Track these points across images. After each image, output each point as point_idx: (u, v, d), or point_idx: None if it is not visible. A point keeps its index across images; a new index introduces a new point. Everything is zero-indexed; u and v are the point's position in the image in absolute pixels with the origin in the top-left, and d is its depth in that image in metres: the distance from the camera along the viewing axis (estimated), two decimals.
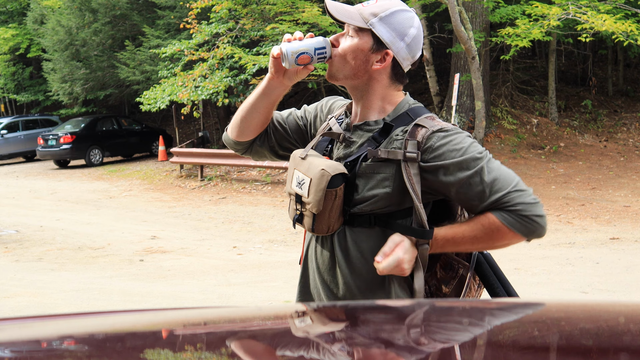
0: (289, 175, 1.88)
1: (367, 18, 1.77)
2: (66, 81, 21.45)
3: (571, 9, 12.34)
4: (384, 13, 1.78)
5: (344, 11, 1.78)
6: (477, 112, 14.24)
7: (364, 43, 1.79)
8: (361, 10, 1.79)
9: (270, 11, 14.82)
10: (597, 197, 11.81)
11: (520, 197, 1.73)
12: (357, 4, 1.81)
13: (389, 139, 1.79)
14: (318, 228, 1.80)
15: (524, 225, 1.73)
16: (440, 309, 1.31)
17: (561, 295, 6.09)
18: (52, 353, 1.02)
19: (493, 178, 1.73)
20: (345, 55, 1.80)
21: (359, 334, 1.13)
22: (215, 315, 1.37)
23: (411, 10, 1.82)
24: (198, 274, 7.32)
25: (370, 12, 1.78)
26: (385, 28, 1.78)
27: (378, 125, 1.83)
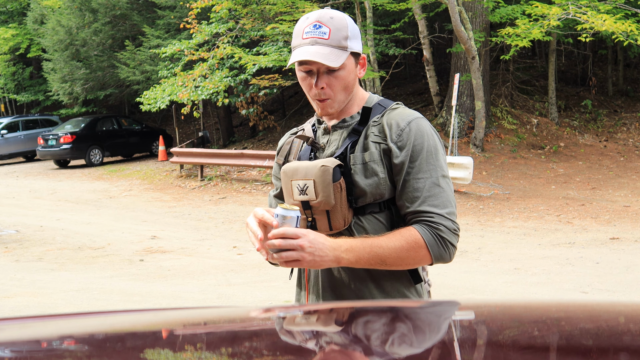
0: (287, 190, 1.91)
1: (344, 45, 1.82)
2: (66, 81, 21.45)
3: (571, 9, 12.34)
4: (350, 31, 1.84)
5: (329, 55, 1.81)
6: (477, 112, 14.24)
7: (350, 65, 1.86)
8: (335, 40, 1.82)
9: (270, 11, 14.83)
10: (597, 197, 11.81)
11: (446, 221, 1.80)
12: (316, 34, 1.82)
13: (367, 128, 1.88)
14: (335, 224, 1.84)
15: (438, 247, 1.79)
16: (440, 309, 1.31)
17: (561, 295, 6.10)
18: (52, 353, 1.02)
19: (435, 192, 1.81)
20: (347, 88, 1.87)
21: (357, 333, 1.13)
22: (215, 315, 1.38)
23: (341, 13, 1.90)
24: (198, 274, 7.32)
25: (342, 37, 1.82)
26: (355, 41, 1.86)
27: (354, 120, 1.91)
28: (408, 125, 1.83)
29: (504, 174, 13.65)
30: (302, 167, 1.88)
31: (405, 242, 1.76)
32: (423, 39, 16.50)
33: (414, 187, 1.80)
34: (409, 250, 1.76)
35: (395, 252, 1.76)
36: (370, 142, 1.85)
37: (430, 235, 1.77)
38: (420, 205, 1.79)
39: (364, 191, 1.83)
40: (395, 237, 1.77)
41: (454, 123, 13.51)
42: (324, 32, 1.81)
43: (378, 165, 1.83)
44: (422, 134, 1.83)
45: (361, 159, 1.84)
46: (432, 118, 17.01)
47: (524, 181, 13.23)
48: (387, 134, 1.84)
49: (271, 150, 16.24)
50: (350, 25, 1.84)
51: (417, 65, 21.70)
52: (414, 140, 1.82)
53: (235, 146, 19.70)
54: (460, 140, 15.13)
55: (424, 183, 1.80)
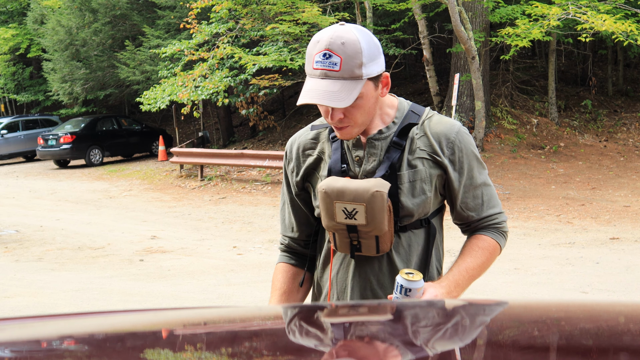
0: (327, 211, 1.78)
1: (358, 75, 1.66)
2: (66, 81, 21.45)
3: (571, 9, 12.34)
4: (365, 56, 1.66)
5: (340, 92, 1.65)
6: (477, 112, 14.24)
7: (368, 92, 1.71)
8: (347, 71, 1.65)
9: (270, 11, 14.82)
10: (597, 197, 11.80)
11: (503, 216, 1.91)
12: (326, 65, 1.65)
13: (411, 141, 1.79)
14: (383, 247, 1.80)
15: (505, 243, 1.92)
16: (439, 309, 1.31)
17: (561, 295, 6.10)
18: (52, 353, 1.02)
19: (490, 192, 1.88)
20: (369, 112, 1.75)
21: (357, 333, 1.13)
22: (215, 315, 1.37)
23: (355, 26, 1.71)
24: (198, 274, 7.32)
25: (356, 66, 1.65)
26: (372, 64, 1.69)
27: (391, 131, 1.81)
28: (457, 136, 1.80)
29: (504, 174, 13.65)
30: (349, 189, 1.74)
31: (489, 254, 1.86)
32: (423, 39, 16.50)
33: (474, 195, 1.84)
34: (491, 259, 1.87)
35: (483, 267, 1.85)
36: (417, 159, 1.79)
37: (500, 236, 1.89)
38: (484, 210, 1.86)
39: (411, 212, 1.79)
40: (478, 253, 1.84)
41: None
42: (334, 62, 1.64)
43: (426, 184, 1.79)
44: (467, 142, 1.82)
45: (408, 178, 1.78)
46: None
47: (524, 181, 13.23)
48: (436, 148, 1.78)
49: (271, 150, 16.24)
50: (365, 48, 1.65)
51: (417, 65, 21.70)
52: (465, 150, 1.81)
53: (235, 146, 19.70)
54: None
55: (481, 189, 1.85)
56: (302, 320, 1.25)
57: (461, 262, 1.82)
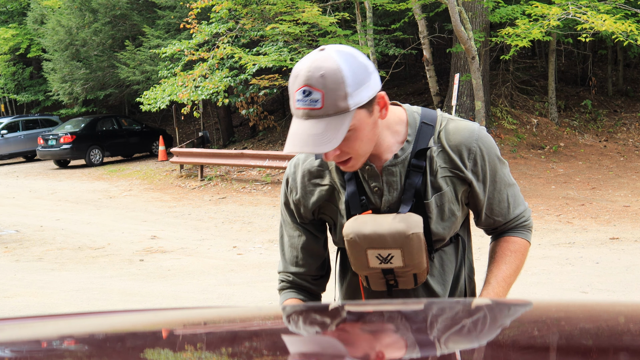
0: (359, 259, 1.65)
1: (344, 107, 1.47)
2: (66, 81, 21.46)
3: (571, 9, 12.34)
4: (349, 85, 1.46)
5: (324, 133, 1.47)
6: (477, 112, 14.24)
7: (361, 120, 1.51)
8: (330, 106, 1.46)
9: (270, 11, 14.82)
10: (597, 197, 11.80)
11: (528, 211, 1.87)
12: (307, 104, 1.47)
13: (430, 160, 1.65)
14: (421, 279, 1.72)
15: (531, 234, 1.91)
16: (438, 309, 1.31)
17: (561, 295, 6.10)
18: (52, 353, 1.02)
19: (513, 192, 1.80)
20: (369, 140, 1.57)
21: (358, 333, 1.13)
22: (215, 315, 1.37)
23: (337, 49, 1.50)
24: (198, 274, 7.32)
25: (340, 98, 1.46)
26: (360, 91, 1.48)
27: (406, 152, 1.64)
28: (477, 144, 1.66)
29: None
30: (382, 234, 1.61)
31: (521, 255, 1.83)
32: (423, 39, 16.50)
33: (500, 200, 1.76)
34: (524, 260, 1.84)
35: (518, 270, 1.81)
36: (440, 179, 1.66)
37: (528, 232, 1.86)
38: (511, 213, 1.80)
39: (442, 236, 1.71)
40: (511, 258, 1.80)
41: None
42: (315, 99, 1.45)
43: (454, 204, 1.68)
44: (489, 146, 1.69)
45: (436, 203, 1.66)
46: None
47: (524, 181, 13.23)
48: (458, 163, 1.65)
49: (271, 151, 16.25)
50: (349, 76, 1.45)
51: (417, 65, 21.70)
52: (488, 157, 1.69)
53: (235, 146, 19.70)
54: None
55: (506, 192, 1.76)
56: (303, 320, 1.25)
57: (497, 271, 1.76)
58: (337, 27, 14.94)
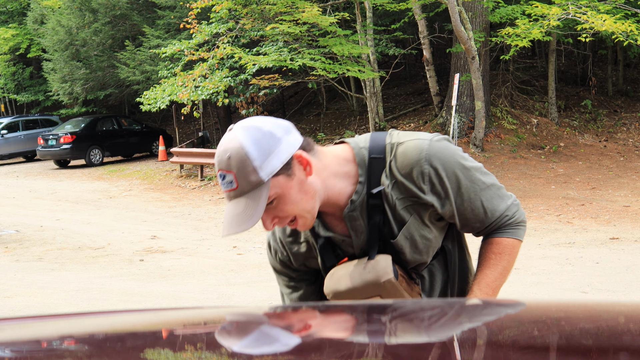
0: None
1: (257, 181, 1.50)
2: (66, 81, 21.46)
3: (571, 9, 12.34)
4: (255, 159, 1.48)
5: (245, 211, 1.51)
6: (477, 112, 14.24)
7: (284, 184, 1.53)
8: (244, 184, 1.50)
9: (270, 11, 14.82)
10: (597, 197, 11.80)
11: (513, 207, 1.77)
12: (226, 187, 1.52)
13: (386, 196, 1.64)
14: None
15: (524, 234, 1.82)
16: (437, 309, 1.31)
17: (561, 295, 6.10)
18: (52, 353, 1.02)
19: (490, 194, 1.71)
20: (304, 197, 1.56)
21: (356, 333, 1.13)
22: (215, 315, 1.38)
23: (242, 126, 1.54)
24: (198, 274, 7.32)
25: (250, 173, 1.49)
26: (270, 161, 1.50)
27: (361, 195, 1.64)
28: (428, 165, 1.60)
29: (504, 174, 13.65)
30: (357, 286, 1.64)
31: (507, 255, 1.76)
32: (423, 39, 16.50)
33: (472, 208, 1.68)
34: (512, 259, 1.78)
35: (505, 272, 1.77)
36: (401, 212, 1.64)
37: (514, 229, 1.77)
38: (489, 217, 1.71)
39: (422, 261, 1.71)
40: (495, 260, 1.75)
41: (454, 123, 13.51)
42: (230, 181, 1.50)
43: (423, 230, 1.67)
44: (444, 162, 1.62)
45: (405, 237, 1.66)
46: (432, 118, 17.02)
47: (524, 181, 13.23)
48: (414, 191, 1.62)
49: None
50: (253, 151, 1.48)
51: (417, 65, 21.70)
52: (445, 172, 1.62)
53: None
54: (460, 140, 15.13)
55: (478, 199, 1.68)
56: (303, 320, 1.25)
57: (480, 277, 1.75)
58: (337, 27, 14.94)
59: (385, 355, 0.97)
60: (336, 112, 20.65)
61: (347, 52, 14.43)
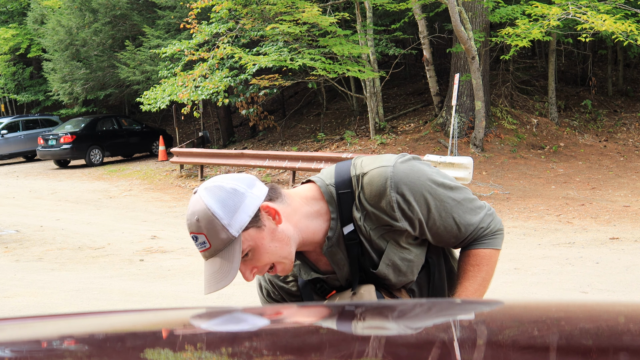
0: None
1: (228, 237, 1.54)
2: (66, 81, 21.46)
3: (571, 9, 12.35)
4: (222, 217, 1.53)
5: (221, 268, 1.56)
6: (477, 112, 14.25)
7: (255, 237, 1.57)
8: (216, 242, 1.54)
9: (270, 11, 14.83)
10: (597, 197, 11.80)
11: (487, 218, 1.76)
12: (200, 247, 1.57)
13: (360, 229, 1.66)
14: None
15: (501, 242, 1.79)
16: (436, 309, 1.31)
17: (561, 295, 6.10)
18: (52, 353, 1.02)
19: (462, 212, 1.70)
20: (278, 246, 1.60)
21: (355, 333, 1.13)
22: (215, 315, 1.38)
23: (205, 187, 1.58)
24: (198, 274, 7.32)
25: (220, 231, 1.54)
26: (237, 217, 1.54)
27: (336, 232, 1.67)
28: (395, 193, 1.61)
29: (503, 174, 13.66)
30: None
31: (485, 266, 1.76)
32: (423, 39, 16.50)
33: (445, 226, 1.69)
34: (490, 269, 1.77)
35: (484, 282, 1.76)
36: (377, 241, 1.67)
37: (490, 240, 1.76)
38: (462, 233, 1.71)
39: (408, 281, 1.75)
40: (473, 272, 1.75)
41: (454, 123, 13.52)
42: (203, 242, 1.55)
43: (403, 252, 1.69)
44: (411, 186, 1.63)
45: (386, 264, 1.69)
46: (432, 118, 17.02)
47: (523, 181, 13.23)
48: (385, 219, 1.64)
49: (271, 150, 16.24)
50: (218, 210, 1.53)
51: (417, 65, 21.70)
52: (413, 198, 1.63)
53: (235, 146, 19.71)
54: (460, 140, 15.13)
55: (450, 217, 1.68)
56: (303, 320, 1.25)
57: (460, 290, 1.75)
58: (337, 27, 14.95)
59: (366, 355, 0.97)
60: (336, 112, 20.65)
61: (347, 52, 14.43)
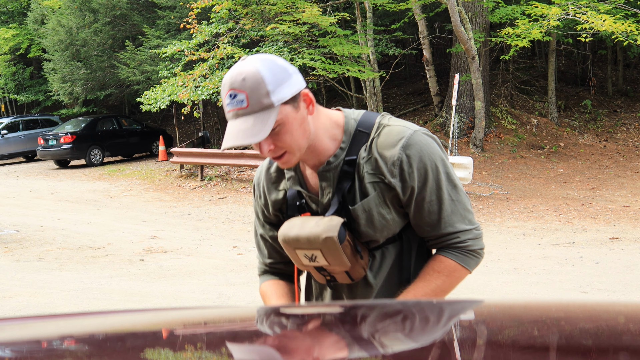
0: (292, 257, 1.79)
1: (268, 103, 1.59)
2: (66, 81, 21.46)
3: (571, 9, 12.35)
4: (269, 83, 1.59)
5: (253, 127, 1.60)
6: (477, 112, 14.24)
7: (288, 115, 1.62)
8: (255, 104, 1.59)
9: (270, 11, 14.83)
10: (597, 197, 11.80)
11: (470, 233, 1.76)
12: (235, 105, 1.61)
13: (358, 167, 1.72)
14: (355, 275, 1.78)
15: (475, 263, 1.78)
16: (436, 309, 1.31)
17: (561, 295, 6.10)
18: (52, 353, 1.02)
19: (450, 210, 1.73)
20: (302, 134, 1.66)
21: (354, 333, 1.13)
22: (215, 315, 1.38)
23: (258, 56, 1.65)
24: (198, 274, 7.32)
25: (263, 96, 1.58)
26: (281, 89, 1.60)
27: (339, 159, 1.73)
28: (403, 152, 1.67)
29: (503, 174, 13.66)
30: (302, 236, 1.72)
31: (445, 277, 1.75)
32: (423, 39, 16.50)
33: (430, 211, 1.71)
34: (450, 282, 1.76)
35: (438, 291, 1.75)
36: (367, 185, 1.71)
37: (462, 255, 1.75)
38: (442, 228, 1.73)
39: (374, 238, 1.76)
40: (432, 277, 1.74)
41: (454, 123, 13.52)
42: (241, 100, 1.59)
43: (383, 208, 1.72)
44: (419, 155, 1.68)
45: (363, 208, 1.72)
46: (432, 118, 17.01)
47: (523, 181, 13.23)
48: (384, 170, 1.69)
49: None
50: (268, 76, 1.58)
51: (417, 65, 21.70)
52: (417, 165, 1.68)
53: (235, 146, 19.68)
54: (460, 140, 15.13)
55: (439, 204, 1.71)
56: (303, 320, 1.25)
57: (411, 288, 1.75)
58: (337, 27, 14.95)
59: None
60: None
61: (347, 52, 14.43)
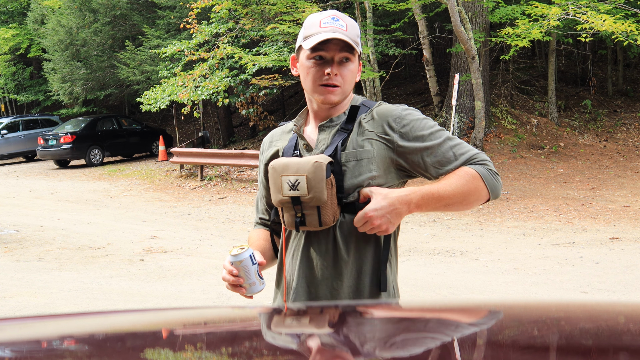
0: (276, 185, 1.91)
1: (357, 42, 1.88)
2: (66, 81, 21.45)
3: (571, 9, 12.34)
4: (358, 36, 1.89)
5: (353, 39, 1.86)
6: (477, 112, 14.24)
7: (355, 64, 1.91)
8: (351, 34, 1.87)
9: (270, 11, 14.82)
10: (597, 197, 11.80)
11: (484, 156, 1.92)
12: (336, 25, 1.86)
13: (359, 125, 1.90)
14: (325, 220, 1.85)
15: (492, 179, 1.88)
16: (436, 309, 1.31)
17: (561, 295, 6.10)
18: (52, 353, 1.02)
19: (458, 142, 1.91)
20: (352, 82, 1.92)
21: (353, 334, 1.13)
22: (215, 315, 1.38)
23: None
24: (198, 274, 7.32)
25: (356, 35, 1.88)
26: (360, 45, 1.91)
27: (341, 119, 1.93)
28: (404, 111, 1.90)
29: (503, 174, 13.65)
30: (293, 162, 1.88)
31: (465, 180, 1.84)
32: (423, 39, 16.50)
33: (443, 151, 1.87)
34: (469, 184, 1.84)
35: (458, 189, 1.84)
36: (364, 140, 1.87)
37: (482, 168, 1.88)
38: (459, 158, 1.87)
39: (354, 188, 1.86)
40: (452, 178, 1.85)
41: (454, 123, 13.51)
42: (342, 25, 1.85)
43: (373, 164, 1.85)
44: (417, 115, 1.91)
45: (354, 156, 1.86)
46: (432, 118, 17.01)
47: (523, 181, 13.23)
48: (385, 128, 1.87)
49: None
50: (358, 30, 1.90)
51: (417, 65, 21.69)
52: (416, 120, 1.89)
53: (235, 146, 19.70)
54: None
55: (447, 144, 1.88)
56: (302, 321, 1.25)
57: (430, 184, 1.86)
58: None
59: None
60: None
61: None
